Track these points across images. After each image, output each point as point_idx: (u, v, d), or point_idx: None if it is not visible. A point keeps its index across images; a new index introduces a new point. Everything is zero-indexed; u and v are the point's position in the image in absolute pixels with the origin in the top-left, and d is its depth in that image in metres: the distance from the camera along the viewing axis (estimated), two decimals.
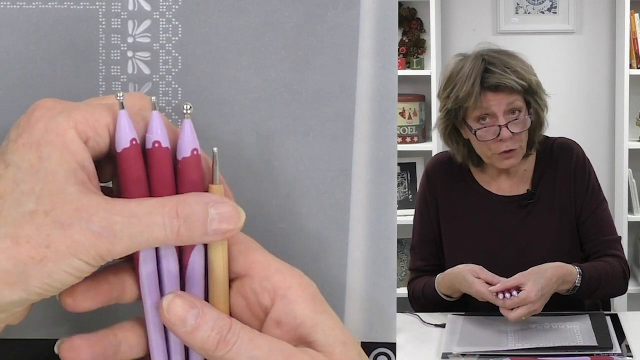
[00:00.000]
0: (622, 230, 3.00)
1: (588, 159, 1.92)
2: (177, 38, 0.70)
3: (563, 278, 1.74)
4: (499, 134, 1.80)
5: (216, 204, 0.56)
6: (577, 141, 1.93)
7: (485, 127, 1.82)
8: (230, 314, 0.61)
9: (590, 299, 1.89)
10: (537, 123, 1.85)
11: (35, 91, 0.70)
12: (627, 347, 1.63)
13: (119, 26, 0.70)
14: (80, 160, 0.55)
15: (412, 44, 3.26)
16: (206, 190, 0.59)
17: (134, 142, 0.58)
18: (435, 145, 3.15)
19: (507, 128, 1.79)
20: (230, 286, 0.61)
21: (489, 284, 1.73)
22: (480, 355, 1.60)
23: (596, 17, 3.27)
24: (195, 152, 0.59)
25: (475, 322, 1.77)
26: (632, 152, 3.11)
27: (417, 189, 2.05)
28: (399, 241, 3.09)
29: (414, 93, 3.26)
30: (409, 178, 3.26)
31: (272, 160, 0.71)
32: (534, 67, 1.88)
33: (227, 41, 0.70)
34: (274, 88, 0.70)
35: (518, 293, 1.67)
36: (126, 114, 0.58)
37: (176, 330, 0.57)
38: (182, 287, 0.60)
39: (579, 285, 1.75)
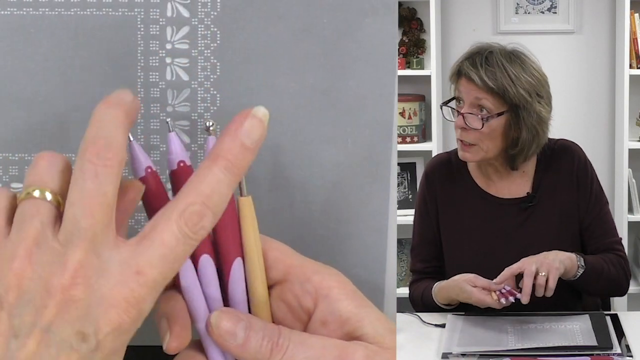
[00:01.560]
0: (622, 230, 2.99)
1: (590, 162, 1.90)
2: (215, 44, 0.70)
3: (571, 260, 1.73)
4: (456, 119, 1.80)
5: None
6: (577, 141, 1.92)
7: (452, 108, 1.82)
8: (273, 321, 0.62)
9: (591, 292, 1.88)
10: (514, 139, 1.82)
11: (74, 98, 0.70)
12: (627, 347, 1.62)
13: (157, 32, 0.70)
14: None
15: (412, 44, 3.26)
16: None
17: (149, 170, 0.59)
18: (435, 145, 3.14)
19: (463, 118, 1.77)
20: (269, 293, 0.62)
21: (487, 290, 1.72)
22: (480, 355, 1.59)
23: (596, 17, 3.26)
24: None
25: (475, 322, 1.75)
26: (632, 152, 3.10)
27: (417, 189, 2.04)
28: (399, 241, 3.08)
29: (414, 93, 3.25)
30: (409, 178, 3.26)
31: (310, 167, 0.71)
32: None
33: (265, 48, 0.70)
34: (313, 95, 0.70)
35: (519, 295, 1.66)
36: (137, 144, 0.59)
37: (228, 346, 0.58)
38: (226, 302, 0.61)
39: (582, 270, 1.74)
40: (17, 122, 0.70)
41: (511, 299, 1.65)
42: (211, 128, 0.60)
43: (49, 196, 0.56)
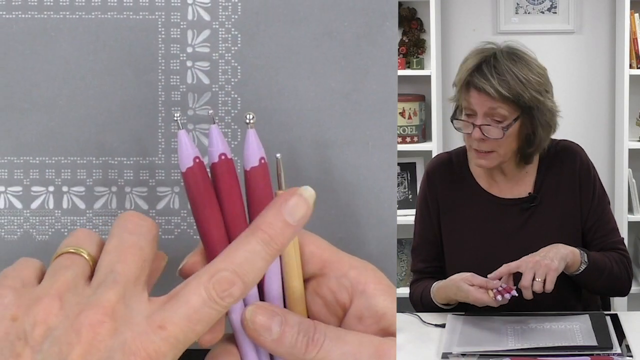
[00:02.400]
0: (622, 230, 3.00)
1: (592, 163, 1.90)
2: (236, 48, 0.70)
3: (574, 255, 1.73)
4: (472, 131, 1.79)
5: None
6: (577, 141, 1.92)
7: (464, 121, 1.81)
8: (308, 316, 0.62)
9: (593, 289, 1.88)
10: (529, 139, 1.82)
11: (95, 101, 0.70)
12: (627, 347, 1.62)
13: (178, 36, 0.70)
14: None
15: (412, 44, 3.26)
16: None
17: (197, 160, 0.58)
18: (435, 145, 3.14)
19: (480, 130, 1.77)
20: (305, 287, 0.62)
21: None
22: (480, 355, 1.59)
23: (596, 17, 3.26)
24: (263, 161, 0.60)
25: (475, 322, 1.75)
26: (632, 152, 3.10)
27: (417, 189, 2.04)
28: (399, 241, 3.08)
29: (414, 93, 3.25)
30: (409, 178, 3.26)
31: (331, 170, 0.71)
32: None
33: (286, 51, 0.70)
34: (333, 98, 0.70)
35: (517, 293, 1.66)
36: (185, 133, 0.58)
37: (263, 341, 0.58)
38: (261, 297, 0.60)
39: (586, 263, 1.74)
40: (38, 125, 0.70)
41: (507, 296, 1.65)
42: (252, 121, 0.59)
43: (84, 253, 0.57)
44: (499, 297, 1.65)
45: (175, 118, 0.59)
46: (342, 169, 0.71)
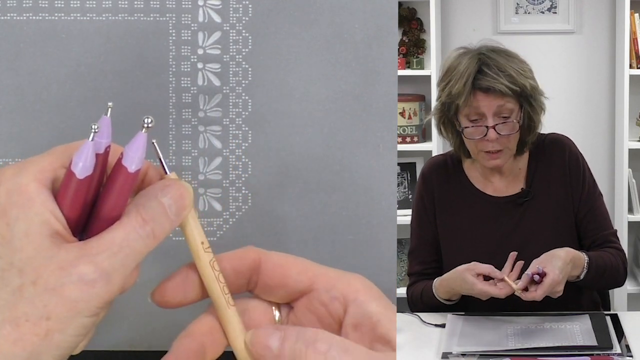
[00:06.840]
0: (622, 230, 3.00)
1: (581, 154, 1.91)
2: (247, 50, 0.70)
3: (574, 262, 1.73)
4: (486, 134, 1.79)
5: (163, 190, 0.56)
6: (577, 141, 1.93)
7: (473, 127, 1.81)
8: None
9: (593, 288, 1.89)
10: (530, 126, 1.84)
11: (106, 103, 0.69)
12: (627, 347, 1.62)
13: (189, 38, 0.70)
14: (51, 209, 0.53)
15: (412, 44, 3.26)
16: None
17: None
18: (435, 145, 3.14)
19: (495, 129, 1.78)
20: (296, 305, 0.62)
21: (490, 277, 1.71)
22: (480, 355, 1.59)
23: (596, 17, 3.26)
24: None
25: (475, 322, 1.75)
26: (632, 152, 3.10)
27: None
28: (399, 241, 3.08)
29: (414, 93, 3.25)
30: (408, 178, 3.26)
31: (342, 172, 0.71)
32: (534, 67, 1.86)
33: (297, 53, 0.70)
34: (345, 100, 0.70)
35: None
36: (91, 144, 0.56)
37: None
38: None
39: (587, 270, 1.74)
40: (49, 127, 0.70)
41: (537, 277, 1.64)
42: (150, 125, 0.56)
43: None
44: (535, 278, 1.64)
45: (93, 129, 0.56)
46: (353, 171, 0.71)
